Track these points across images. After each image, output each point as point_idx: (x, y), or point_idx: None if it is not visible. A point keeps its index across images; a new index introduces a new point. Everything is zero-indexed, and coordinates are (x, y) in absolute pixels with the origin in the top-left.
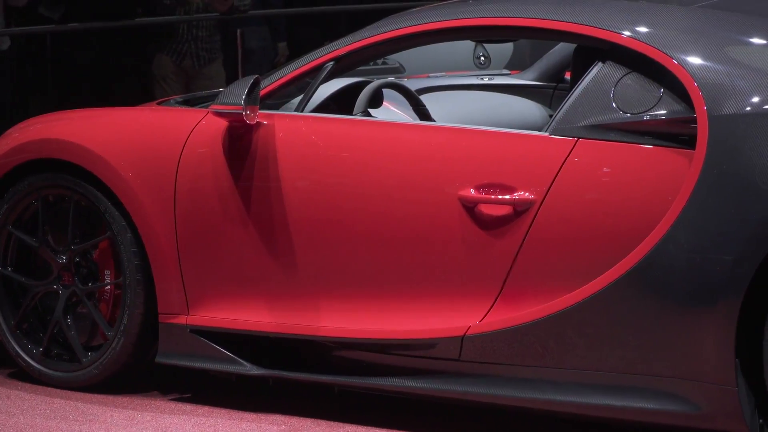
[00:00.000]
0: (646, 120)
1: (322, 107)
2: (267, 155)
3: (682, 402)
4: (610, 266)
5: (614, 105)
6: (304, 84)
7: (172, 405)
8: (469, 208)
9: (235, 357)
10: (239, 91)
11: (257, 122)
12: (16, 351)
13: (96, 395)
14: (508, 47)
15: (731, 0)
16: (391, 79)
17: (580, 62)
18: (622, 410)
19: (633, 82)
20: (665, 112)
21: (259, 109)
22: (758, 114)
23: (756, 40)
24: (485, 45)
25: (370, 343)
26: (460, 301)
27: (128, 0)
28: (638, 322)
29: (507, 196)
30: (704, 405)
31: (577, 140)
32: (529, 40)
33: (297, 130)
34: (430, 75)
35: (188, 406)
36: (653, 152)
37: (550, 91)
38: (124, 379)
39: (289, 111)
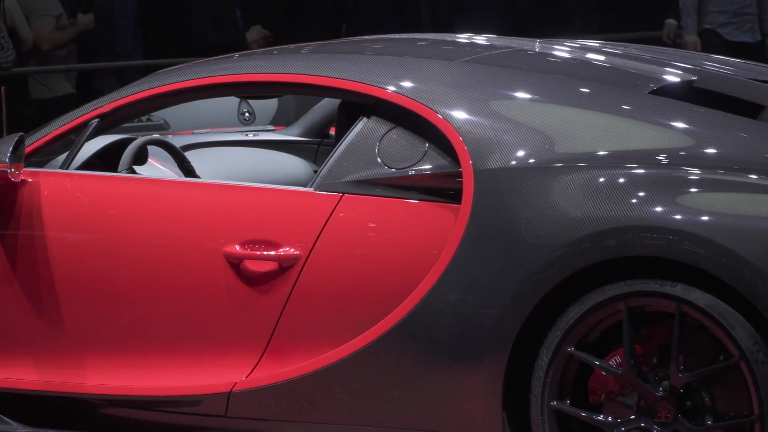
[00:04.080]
0: (412, 175)
1: (87, 165)
2: (32, 213)
3: None
4: (376, 321)
5: (379, 160)
6: (70, 141)
7: None
8: (235, 264)
9: (1, 416)
10: (3, 148)
11: (22, 180)
12: None
13: None
14: (272, 103)
15: (496, 55)
16: (155, 135)
17: (345, 117)
18: None
19: (398, 137)
20: (430, 166)
21: (24, 166)
22: (523, 168)
23: (521, 95)
24: (250, 101)
25: (136, 400)
26: (227, 358)
27: None
28: (405, 377)
29: (272, 252)
30: None
31: (342, 196)
32: (294, 96)
33: (62, 188)
34: (195, 131)
35: None
36: (419, 207)
37: (315, 147)
38: None
39: (54, 169)
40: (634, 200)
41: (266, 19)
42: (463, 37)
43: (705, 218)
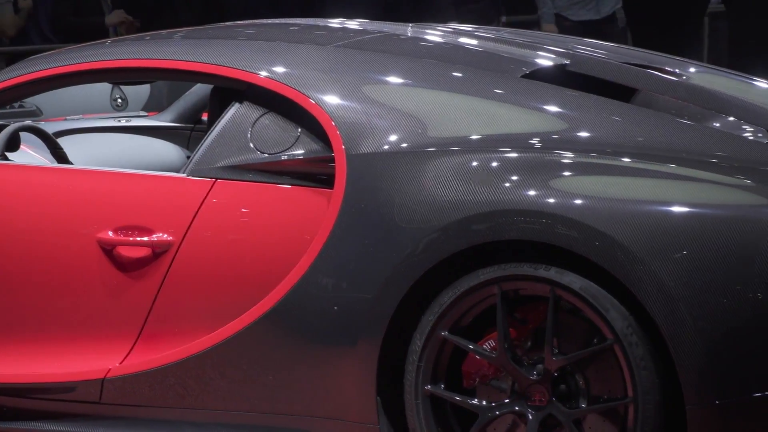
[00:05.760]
0: (284, 160)
1: None
2: None
3: None
4: (249, 307)
5: (252, 145)
6: None
7: None
8: (108, 250)
9: None
10: None
11: None
12: None
13: None
14: (145, 89)
15: (368, 40)
16: (28, 122)
17: (217, 103)
18: None
19: (270, 122)
20: (303, 151)
21: None
22: (396, 152)
23: (393, 80)
24: (122, 87)
25: (9, 387)
26: (101, 344)
27: None
28: (279, 362)
29: (145, 238)
30: None
31: (214, 181)
32: (167, 82)
33: None
34: (68, 118)
35: None
36: (292, 192)
37: (188, 133)
38: None
39: None
40: (507, 184)
41: (136, 5)
42: (335, 22)
43: (578, 202)
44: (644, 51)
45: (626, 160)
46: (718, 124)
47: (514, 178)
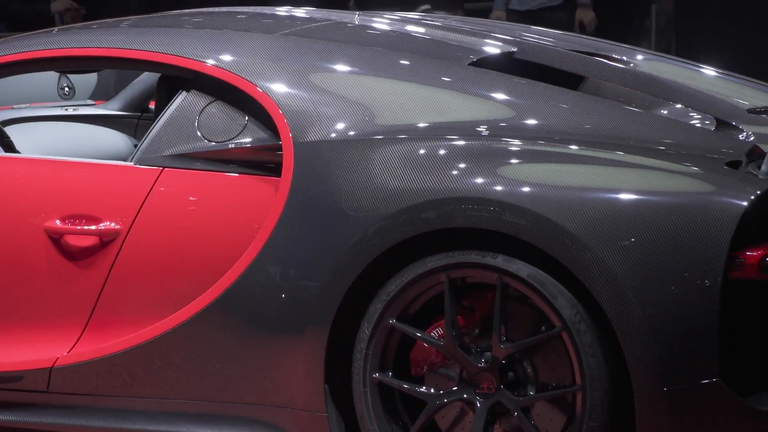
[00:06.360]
0: (232, 148)
1: None
2: None
3: (272, 429)
4: (197, 295)
5: (199, 134)
6: None
7: None
8: (56, 239)
9: None
10: None
11: None
12: None
13: None
14: (92, 77)
15: (315, 28)
16: None
17: (164, 91)
18: None
19: (218, 110)
20: (251, 139)
21: None
22: (343, 140)
23: (340, 68)
24: (69, 75)
25: None
26: (49, 333)
27: None
28: (226, 351)
29: (93, 227)
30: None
31: (162, 170)
32: (114, 70)
33: None
34: (15, 106)
35: None
36: (239, 180)
37: (135, 121)
38: None
39: None
40: (454, 172)
41: None
42: (282, 10)
43: (526, 189)
44: (592, 38)
45: (574, 147)
46: (666, 112)
47: (462, 165)
